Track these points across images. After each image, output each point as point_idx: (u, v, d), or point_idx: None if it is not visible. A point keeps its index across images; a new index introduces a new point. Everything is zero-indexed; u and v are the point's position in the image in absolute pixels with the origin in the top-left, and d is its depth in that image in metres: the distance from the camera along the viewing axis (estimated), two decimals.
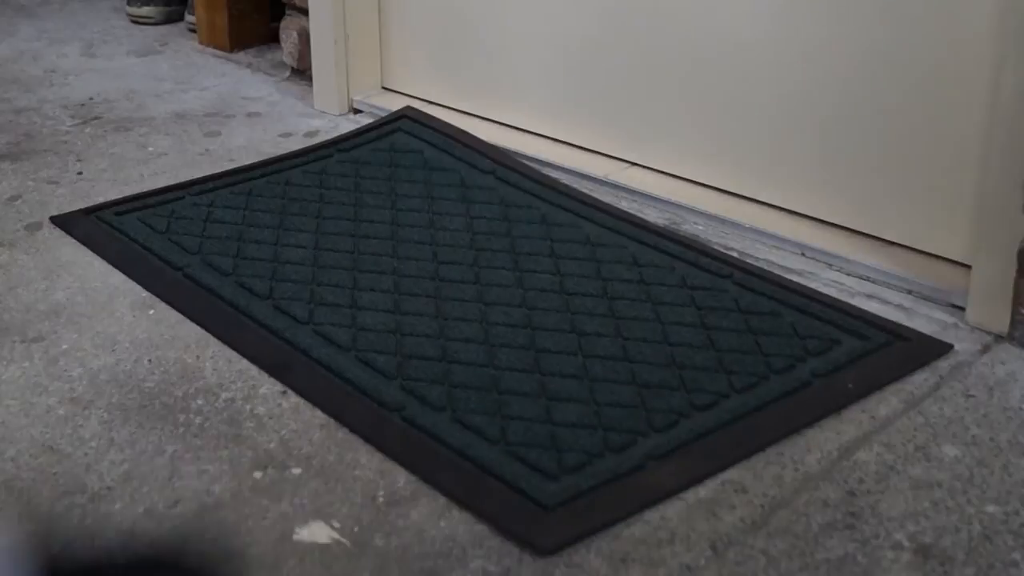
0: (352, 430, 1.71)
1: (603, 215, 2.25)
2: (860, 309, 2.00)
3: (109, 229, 2.23)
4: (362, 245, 2.15)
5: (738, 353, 1.85)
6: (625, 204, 2.37)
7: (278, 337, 1.89)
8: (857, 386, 1.81)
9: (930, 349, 1.91)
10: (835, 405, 1.79)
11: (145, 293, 2.08)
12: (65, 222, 2.30)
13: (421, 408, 1.73)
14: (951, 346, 1.94)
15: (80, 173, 2.56)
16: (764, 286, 2.03)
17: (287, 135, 2.71)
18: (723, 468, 1.66)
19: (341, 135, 2.60)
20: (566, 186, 2.36)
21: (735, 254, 2.18)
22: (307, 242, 2.16)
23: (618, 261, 2.10)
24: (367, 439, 1.69)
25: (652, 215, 2.32)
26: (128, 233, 2.21)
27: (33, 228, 2.33)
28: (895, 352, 1.90)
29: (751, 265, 2.10)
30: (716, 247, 2.18)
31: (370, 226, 2.22)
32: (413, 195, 2.33)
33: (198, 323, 1.96)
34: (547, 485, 1.59)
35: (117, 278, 2.14)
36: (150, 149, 2.66)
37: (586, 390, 1.76)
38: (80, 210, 2.33)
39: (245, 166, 2.47)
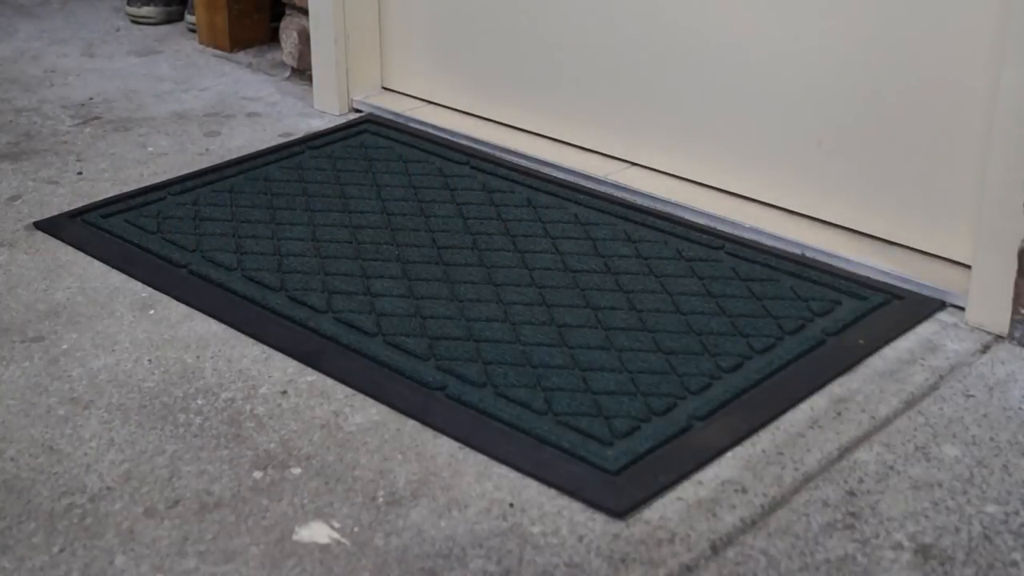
0: (400, 411, 1.73)
1: (586, 196, 2.29)
2: (850, 272, 2.08)
3: (99, 232, 2.21)
4: (360, 235, 2.15)
5: (749, 317, 1.93)
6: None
7: (302, 327, 1.90)
8: (867, 342, 1.90)
9: (926, 305, 2.00)
10: (851, 360, 1.87)
11: (145, 293, 2.06)
12: (51, 226, 2.28)
13: (463, 386, 1.77)
14: (943, 303, 2.01)
15: (80, 173, 2.52)
16: (756, 255, 2.10)
17: (287, 135, 2.67)
18: (764, 425, 1.73)
19: (309, 134, 2.60)
20: (542, 172, 2.39)
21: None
22: (304, 234, 2.15)
23: (612, 238, 2.14)
24: (418, 419, 1.71)
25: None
26: (120, 235, 2.20)
27: (33, 228, 2.31)
28: (894, 309, 1.98)
29: (739, 236, 2.18)
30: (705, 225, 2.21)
31: (362, 216, 2.21)
32: (395, 185, 2.33)
33: (215, 318, 1.94)
34: (604, 451, 1.65)
35: (116, 278, 2.12)
36: (150, 149, 2.63)
37: (616, 360, 1.82)
38: (65, 214, 2.30)
39: (220, 164, 2.46)
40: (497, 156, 2.50)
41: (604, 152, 2.49)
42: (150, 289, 2.07)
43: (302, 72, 2.89)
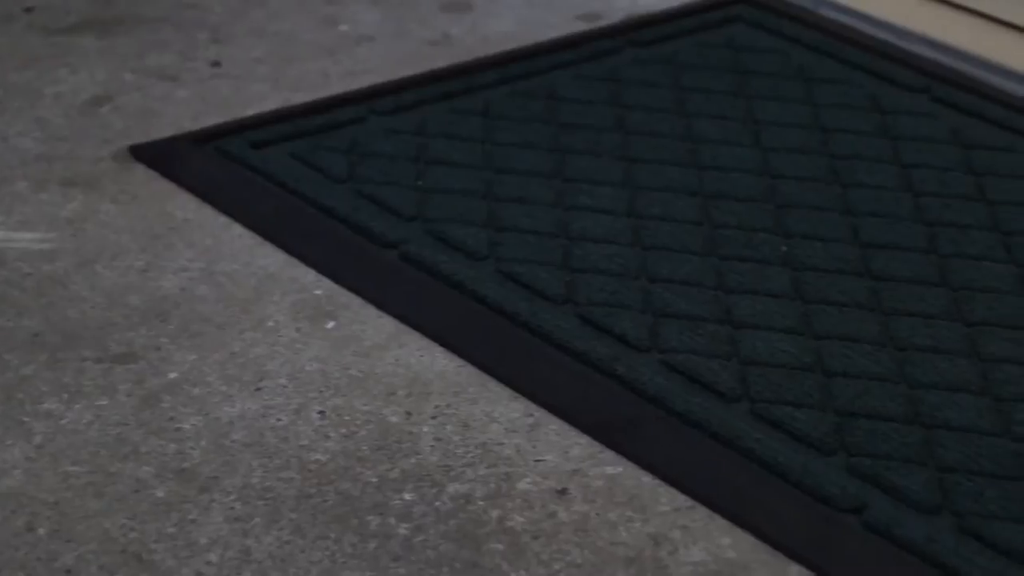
0: (777, 545, 1.46)
1: None
2: None
3: (243, 171, 1.98)
4: (716, 209, 1.91)
5: None
6: None
7: (603, 373, 1.66)
8: None
9: None
10: None
11: (320, 289, 1.78)
12: (161, 155, 2.04)
13: (892, 508, 1.51)
14: None
15: (216, 64, 2.22)
16: None
17: (591, 17, 2.38)
18: None
19: (633, 19, 2.36)
20: None
21: None
22: (613, 203, 1.92)
23: None
24: (806, 564, 1.47)
25: None
26: (283, 179, 1.96)
27: (128, 158, 2.01)
28: None
29: None
30: None
31: (722, 177, 1.97)
32: (787, 123, 2.08)
33: (445, 345, 1.71)
34: None
35: (271, 258, 1.84)
36: (343, 28, 2.32)
37: None
38: (186, 135, 2.07)
39: (467, 64, 2.22)
40: (982, 79, 2.27)
41: None
42: (329, 282, 1.80)
43: None
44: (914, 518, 1.50)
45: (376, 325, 1.76)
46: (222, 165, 2.01)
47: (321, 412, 1.63)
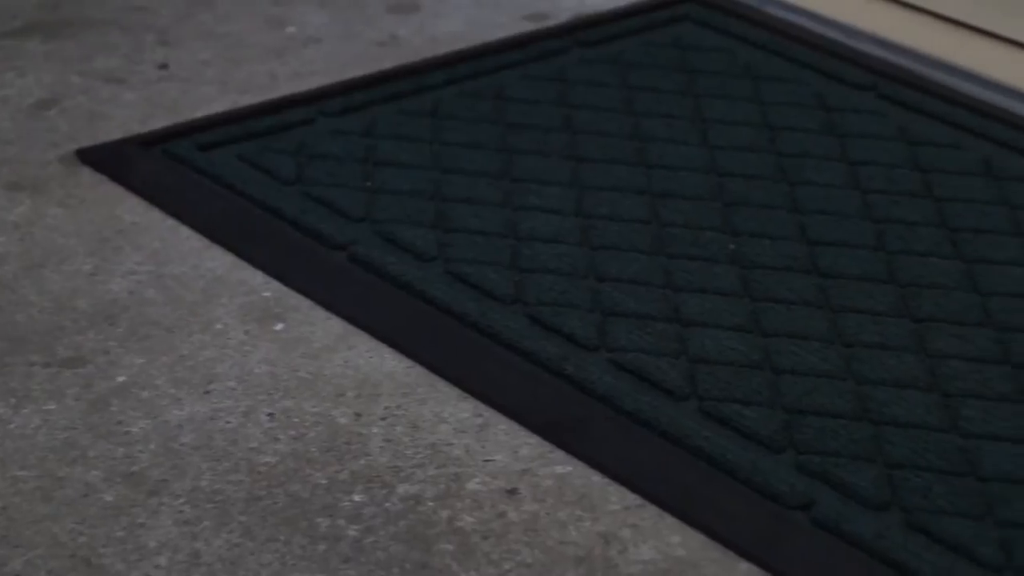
0: (724, 542, 1.46)
1: None
2: None
3: (192, 175, 1.96)
4: (664, 208, 1.91)
5: None
6: None
7: (552, 373, 1.65)
8: None
9: None
10: None
11: (269, 291, 1.77)
12: (109, 159, 2.01)
13: (840, 504, 1.51)
14: None
15: (164, 66, 2.21)
16: None
17: (539, 17, 2.37)
18: None
19: (580, 18, 2.37)
20: (1008, 112, 2.20)
21: None
22: (561, 203, 1.92)
23: None
24: (756, 562, 1.45)
25: None
26: (231, 182, 1.94)
27: (75, 161, 2.00)
28: None
29: None
30: None
31: (670, 176, 1.97)
32: (735, 121, 2.07)
33: (395, 347, 1.69)
34: None
35: (218, 260, 1.83)
36: (290, 30, 2.31)
37: None
38: (134, 139, 2.04)
39: (415, 64, 2.21)
40: (929, 77, 2.25)
41: None
42: (278, 284, 1.78)
43: None
44: (863, 514, 1.49)
45: (325, 327, 1.75)
46: (170, 168, 2.00)
47: (270, 414, 1.62)
